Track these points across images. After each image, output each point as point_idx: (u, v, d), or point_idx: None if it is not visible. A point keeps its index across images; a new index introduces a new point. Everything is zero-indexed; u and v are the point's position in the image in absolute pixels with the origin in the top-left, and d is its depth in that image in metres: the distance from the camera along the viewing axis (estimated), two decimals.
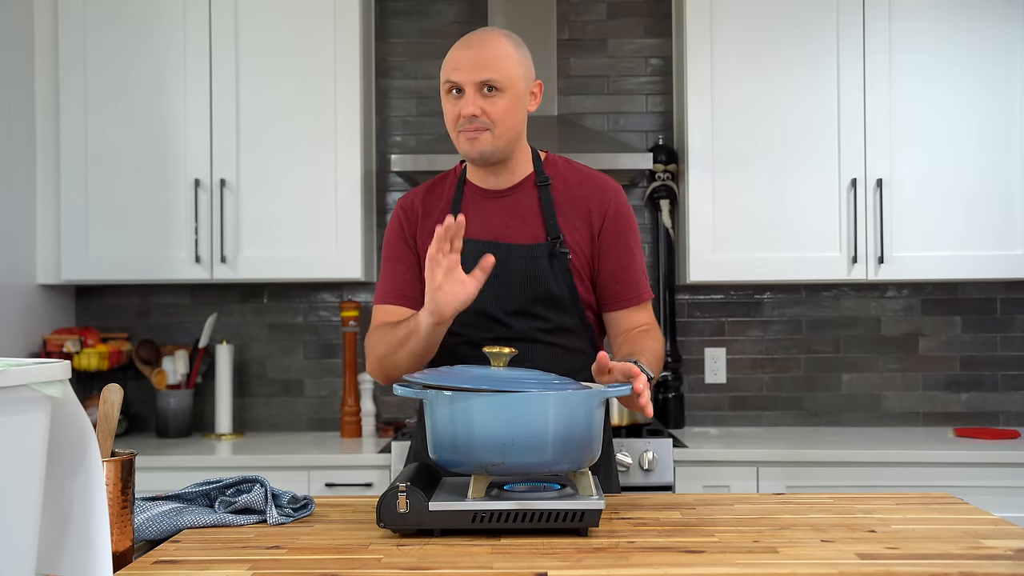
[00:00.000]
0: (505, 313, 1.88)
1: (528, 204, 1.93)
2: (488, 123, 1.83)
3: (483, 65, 1.82)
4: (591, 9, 3.50)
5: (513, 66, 1.85)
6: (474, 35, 1.88)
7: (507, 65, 1.83)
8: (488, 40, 1.85)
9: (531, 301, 1.88)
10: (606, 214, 1.93)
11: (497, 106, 1.83)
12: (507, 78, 1.83)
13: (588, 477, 1.51)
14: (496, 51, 1.83)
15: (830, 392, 3.44)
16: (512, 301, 1.86)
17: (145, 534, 1.51)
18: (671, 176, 3.34)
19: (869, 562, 1.30)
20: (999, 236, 3.09)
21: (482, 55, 1.83)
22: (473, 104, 1.82)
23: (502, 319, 1.88)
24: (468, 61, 1.83)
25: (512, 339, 1.86)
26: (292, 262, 3.15)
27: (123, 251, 3.15)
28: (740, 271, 3.13)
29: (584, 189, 1.94)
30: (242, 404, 3.46)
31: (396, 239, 1.99)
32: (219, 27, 3.15)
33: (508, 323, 1.88)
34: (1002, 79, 3.09)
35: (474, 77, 1.82)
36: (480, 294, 1.71)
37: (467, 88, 1.82)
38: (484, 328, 1.88)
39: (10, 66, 3.06)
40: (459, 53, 1.85)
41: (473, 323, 1.86)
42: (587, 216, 1.92)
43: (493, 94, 1.83)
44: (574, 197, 1.93)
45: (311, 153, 3.15)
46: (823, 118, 3.12)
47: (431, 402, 1.50)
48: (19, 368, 1.00)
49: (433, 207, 1.97)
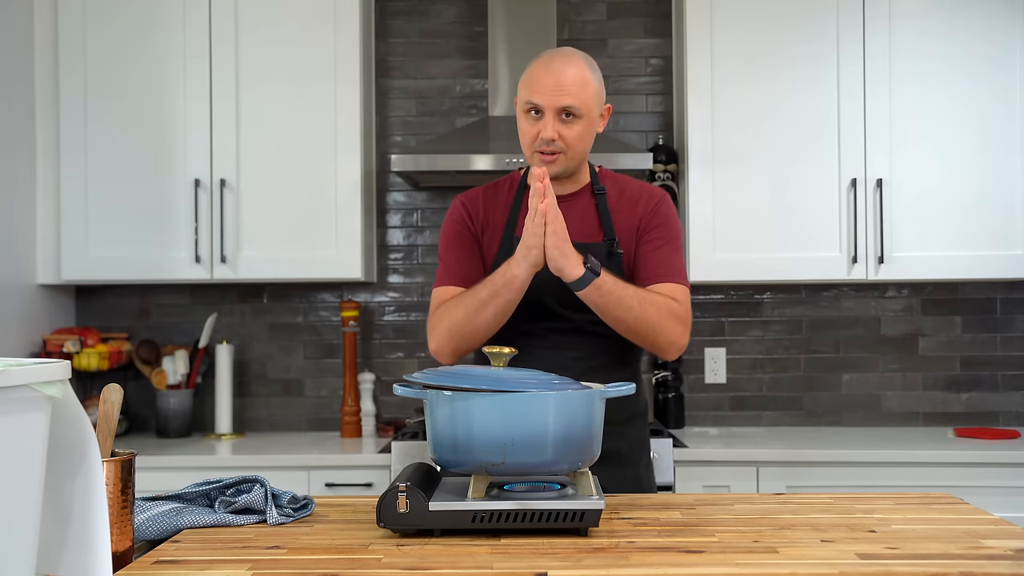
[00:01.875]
0: (562, 305, 1.94)
1: (586, 209, 2.03)
2: (563, 147, 1.92)
3: (564, 91, 1.88)
4: (591, 9, 3.51)
5: (591, 94, 1.92)
6: (557, 56, 1.93)
7: (586, 93, 1.90)
8: (570, 64, 1.91)
9: None
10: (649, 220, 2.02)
11: (573, 131, 1.91)
12: (585, 104, 1.90)
13: (588, 477, 1.51)
14: (577, 77, 1.90)
15: (830, 392, 3.44)
16: (570, 294, 1.87)
17: (145, 534, 1.51)
18: (671, 176, 3.34)
19: (869, 562, 1.30)
20: (999, 236, 3.09)
21: (563, 80, 1.89)
22: (552, 128, 1.89)
23: (559, 311, 1.95)
24: (550, 85, 1.89)
25: (566, 330, 1.96)
26: (292, 262, 3.15)
27: (123, 251, 3.15)
28: (740, 271, 3.13)
29: (633, 198, 2.04)
30: (242, 404, 3.46)
31: (460, 227, 2.04)
32: (219, 27, 3.15)
33: (565, 315, 1.95)
34: (1002, 80, 3.09)
35: (555, 103, 1.88)
36: (536, 289, 1.85)
37: (547, 112, 1.90)
38: (541, 319, 1.96)
39: (10, 66, 3.06)
40: (541, 75, 1.91)
41: (531, 314, 1.93)
42: (633, 222, 2.02)
43: (571, 120, 1.90)
44: (625, 206, 2.03)
45: (311, 153, 3.15)
46: (823, 118, 3.12)
47: (431, 402, 1.50)
48: (19, 368, 1.00)
49: (494, 207, 2.05)
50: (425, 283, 3.49)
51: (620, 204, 2.03)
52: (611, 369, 1.99)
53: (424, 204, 3.51)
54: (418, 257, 3.50)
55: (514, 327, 1.93)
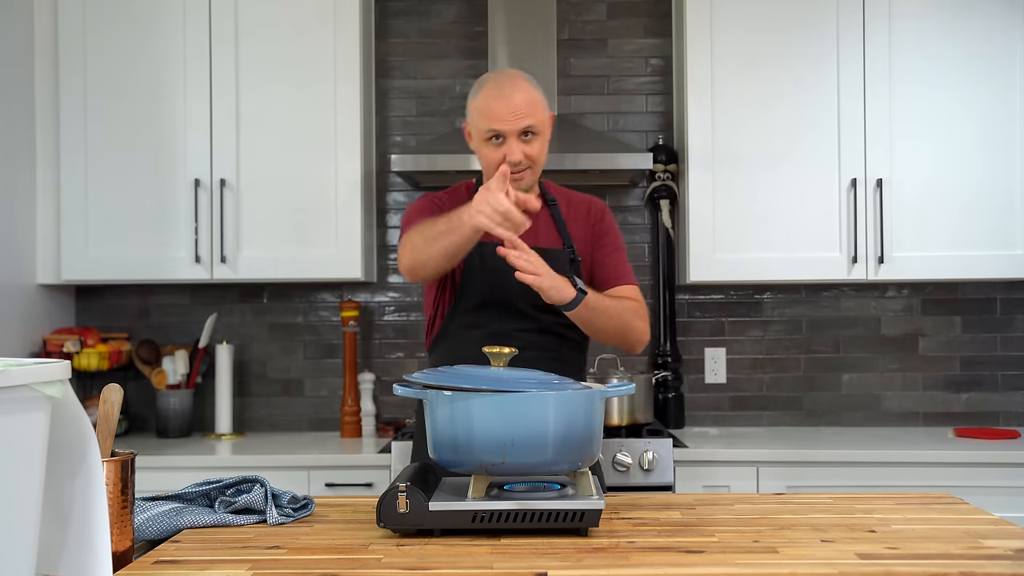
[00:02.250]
0: (532, 308, 2.06)
1: (544, 218, 2.15)
2: (530, 164, 2.05)
3: (521, 114, 2.01)
4: (591, 9, 3.51)
5: (542, 108, 2.06)
6: (504, 82, 2.05)
7: (539, 109, 2.04)
8: (518, 87, 2.03)
9: None
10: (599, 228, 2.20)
11: (535, 148, 2.05)
12: (541, 121, 2.05)
13: (588, 477, 1.52)
14: (529, 98, 2.03)
15: (830, 392, 3.44)
16: (539, 297, 1.95)
17: (145, 534, 1.51)
18: (671, 176, 3.34)
19: (869, 562, 1.30)
20: (999, 236, 3.09)
21: (517, 105, 2.01)
22: (517, 151, 2.01)
23: (529, 313, 2.07)
24: (506, 111, 2.01)
25: (539, 331, 2.07)
26: (292, 262, 3.15)
27: (123, 251, 3.15)
28: (740, 271, 3.13)
29: (581, 208, 2.22)
30: (242, 404, 3.46)
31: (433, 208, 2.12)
32: (219, 27, 3.15)
33: (535, 316, 2.08)
34: (1002, 80, 3.09)
35: (516, 127, 2.01)
36: (510, 290, 1.98)
37: (509, 137, 2.02)
38: (513, 320, 2.07)
39: (10, 67, 3.06)
40: (495, 104, 2.02)
41: (503, 316, 2.07)
42: (586, 231, 2.19)
43: (531, 138, 2.04)
44: (576, 215, 2.20)
45: (311, 153, 3.15)
46: (823, 118, 3.12)
47: (431, 402, 1.51)
48: (19, 368, 1.00)
49: None
50: None
51: (570, 213, 2.19)
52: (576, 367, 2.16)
53: None
54: None
55: (488, 327, 2.06)
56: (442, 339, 2.17)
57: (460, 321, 2.12)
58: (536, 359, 1.92)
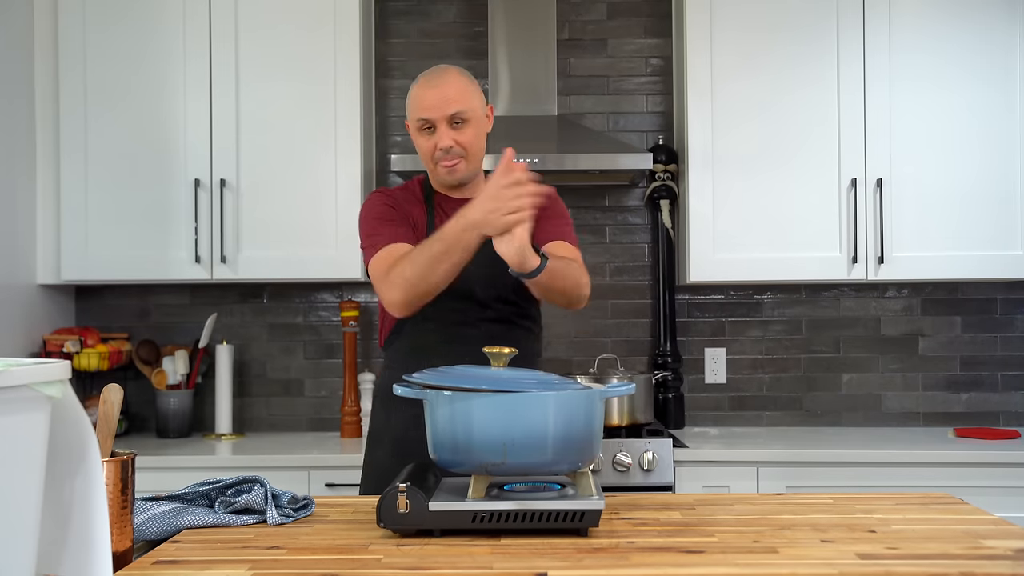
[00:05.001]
0: (489, 298, 2.11)
1: None
2: (462, 151, 2.07)
3: (449, 100, 2.05)
4: (591, 9, 3.50)
5: (473, 97, 2.09)
6: (433, 75, 2.11)
7: (469, 97, 2.08)
8: (447, 78, 2.09)
9: (510, 289, 2.10)
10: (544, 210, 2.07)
11: (466, 135, 2.07)
12: (471, 108, 2.07)
13: (588, 477, 1.51)
14: (457, 86, 2.07)
15: (830, 392, 3.44)
16: (494, 289, 2.09)
17: (145, 534, 1.51)
18: (671, 176, 3.34)
19: (869, 562, 1.30)
20: (999, 236, 3.09)
21: (446, 92, 2.05)
22: (447, 137, 2.05)
23: (487, 303, 2.11)
24: (435, 99, 2.05)
25: (495, 320, 2.11)
26: (292, 262, 3.15)
27: (123, 251, 3.15)
28: (740, 271, 3.13)
29: None
30: (242, 404, 3.46)
31: (387, 208, 2.14)
32: (219, 27, 3.15)
33: (492, 306, 2.12)
34: (1002, 79, 3.09)
35: (444, 112, 2.05)
36: (468, 282, 1.99)
37: (439, 124, 2.06)
38: (472, 310, 2.11)
39: (10, 66, 3.06)
40: (425, 92, 2.07)
41: (461, 307, 2.09)
42: None
43: (461, 125, 2.07)
44: None
45: (311, 153, 3.16)
46: (823, 118, 3.12)
47: (431, 402, 1.50)
48: (19, 368, 1.00)
49: (411, 205, 2.18)
50: None
51: None
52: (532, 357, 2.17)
53: None
54: None
55: (450, 319, 2.09)
56: (398, 334, 2.16)
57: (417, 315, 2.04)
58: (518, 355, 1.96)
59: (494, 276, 2.03)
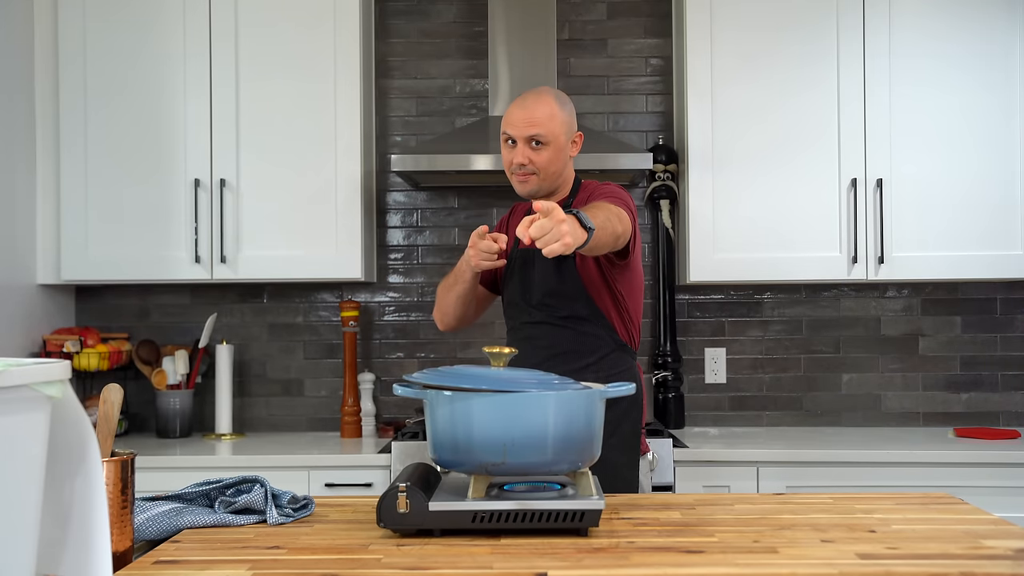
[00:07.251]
0: (528, 304, 2.31)
1: None
2: (535, 169, 2.23)
3: (531, 123, 2.20)
4: (591, 9, 3.50)
5: (557, 124, 2.22)
6: (529, 94, 2.26)
7: (552, 124, 2.21)
8: (539, 101, 2.23)
9: (545, 294, 2.28)
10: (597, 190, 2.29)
11: (542, 156, 2.22)
12: (550, 133, 2.21)
13: (588, 477, 1.51)
14: (545, 111, 2.21)
15: (830, 392, 3.44)
16: (533, 295, 2.30)
17: (145, 534, 1.51)
18: (671, 176, 3.34)
19: (869, 562, 1.30)
20: (999, 236, 3.09)
21: (532, 114, 2.21)
22: (522, 155, 2.22)
23: (527, 308, 2.32)
24: (519, 118, 2.22)
25: (537, 322, 2.29)
26: (292, 262, 3.15)
27: (123, 251, 3.15)
28: (740, 271, 3.13)
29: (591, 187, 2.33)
30: (242, 404, 3.46)
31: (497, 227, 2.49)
32: (219, 27, 3.15)
33: (531, 311, 2.31)
34: (1001, 80, 3.09)
35: (523, 133, 2.21)
36: (516, 288, 2.31)
37: (518, 141, 2.22)
38: (518, 314, 2.34)
39: (10, 66, 3.06)
40: (514, 109, 2.25)
41: (510, 312, 2.38)
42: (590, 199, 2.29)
43: (540, 147, 2.22)
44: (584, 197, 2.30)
45: (311, 153, 3.15)
46: (823, 118, 3.12)
47: (431, 402, 1.50)
48: (19, 368, 1.00)
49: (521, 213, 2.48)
50: (425, 283, 3.49)
51: (580, 197, 2.31)
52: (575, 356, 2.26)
53: (424, 204, 3.51)
54: (418, 257, 3.50)
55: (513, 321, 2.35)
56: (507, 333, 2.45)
57: (506, 319, 2.43)
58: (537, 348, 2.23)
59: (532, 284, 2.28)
